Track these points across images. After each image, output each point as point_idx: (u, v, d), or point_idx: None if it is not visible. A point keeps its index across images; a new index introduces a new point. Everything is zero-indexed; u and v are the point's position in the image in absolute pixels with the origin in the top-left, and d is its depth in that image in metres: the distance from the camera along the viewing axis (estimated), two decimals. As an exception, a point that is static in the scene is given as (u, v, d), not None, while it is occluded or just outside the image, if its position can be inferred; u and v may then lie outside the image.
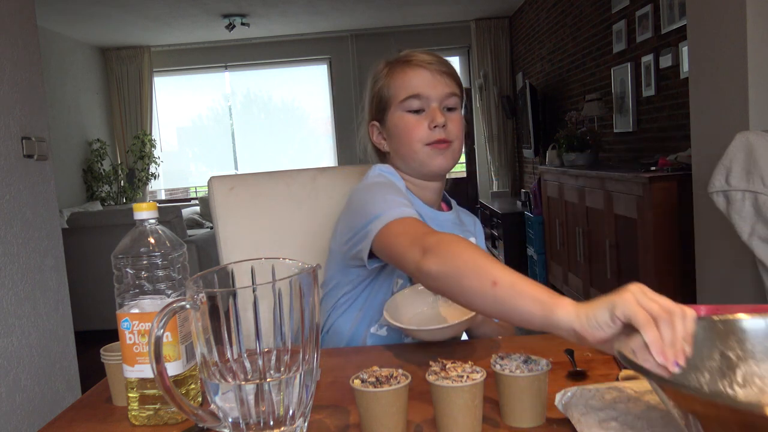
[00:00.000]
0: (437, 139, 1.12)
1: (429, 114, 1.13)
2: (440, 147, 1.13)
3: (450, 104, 1.15)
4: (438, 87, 1.13)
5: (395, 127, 1.16)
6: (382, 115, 1.18)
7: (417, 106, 1.13)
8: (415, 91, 1.12)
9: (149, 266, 0.80)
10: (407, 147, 1.15)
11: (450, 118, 1.14)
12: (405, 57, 1.16)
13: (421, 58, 1.14)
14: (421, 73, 1.13)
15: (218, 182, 1.39)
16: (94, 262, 4.16)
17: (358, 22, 7.02)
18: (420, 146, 1.13)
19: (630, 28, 3.89)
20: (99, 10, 5.83)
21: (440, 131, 1.12)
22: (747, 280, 2.03)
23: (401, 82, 1.14)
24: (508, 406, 0.71)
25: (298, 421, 0.67)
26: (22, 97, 2.11)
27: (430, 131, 1.12)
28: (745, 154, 1.67)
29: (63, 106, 6.39)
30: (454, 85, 1.15)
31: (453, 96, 1.15)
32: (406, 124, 1.14)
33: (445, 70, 1.14)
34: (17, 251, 2.02)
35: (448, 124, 1.13)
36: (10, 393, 1.94)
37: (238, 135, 7.86)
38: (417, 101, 1.13)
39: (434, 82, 1.13)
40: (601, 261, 3.40)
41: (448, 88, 1.14)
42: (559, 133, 4.33)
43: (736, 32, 2.01)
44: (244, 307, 0.63)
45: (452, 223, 1.23)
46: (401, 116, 1.14)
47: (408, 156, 1.16)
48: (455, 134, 1.14)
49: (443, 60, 1.15)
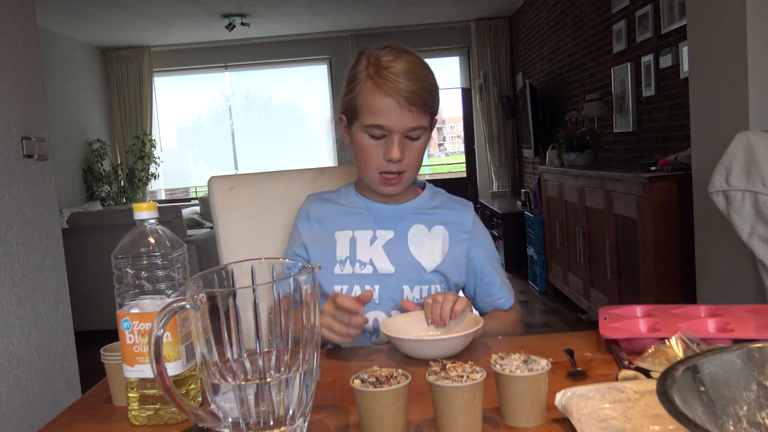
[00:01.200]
0: (389, 171, 1.13)
1: (388, 144, 1.11)
2: (393, 182, 1.15)
3: (413, 135, 1.13)
4: (403, 121, 1.10)
5: (356, 143, 1.16)
6: (351, 118, 1.16)
7: (379, 134, 1.12)
8: (378, 121, 1.10)
9: (149, 266, 0.80)
10: (362, 167, 1.17)
11: (409, 148, 1.13)
12: (383, 72, 1.09)
13: (395, 85, 1.08)
14: (388, 103, 1.08)
15: (218, 182, 1.39)
16: (94, 262, 4.16)
17: (358, 22, 7.02)
18: (373, 172, 1.15)
19: (630, 28, 3.89)
20: (99, 10, 5.83)
21: (395, 165, 1.12)
22: (747, 280, 2.03)
23: (370, 104, 1.10)
24: (508, 406, 0.71)
25: (298, 421, 0.67)
26: (22, 97, 2.11)
27: (385, 162, 1.12)
28: (745, 154, 1.67)
29: (63, 106, 6.39)
30: (420, 117, 1.11)
31: (417, 129, 1.12)
32: (365, 147, 1.14)
33: (415, 100, 1.09)
34: (17, 251, 2.02)
35: (405, 155, 1.12)
36: (10, 393, 1.94)
37: (238, 135, 7.86)
38: (379, 131, 1.11)
39: (400, 115, 1.09)
40: (601, 261, 3.40)
41: (413, 122, 1.10)
42: (559, 133, 4.33)
43: (736, 32, 2.01)
44: (244, 307, 0.63)
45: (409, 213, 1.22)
46: (362, 137, 1.14)
47: (361, 173, 1.19)
48: (410, 165, 1.14)
49: (417, 84, 1.09)
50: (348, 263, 1.17)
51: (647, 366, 0.81)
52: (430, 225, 1.21)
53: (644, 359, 0.83)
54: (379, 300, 1.15)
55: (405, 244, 1.19)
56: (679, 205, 2.66)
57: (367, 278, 1.15)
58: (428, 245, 1.19)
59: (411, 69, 1.10)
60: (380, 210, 1.21)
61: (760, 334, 0.88)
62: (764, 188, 1.62)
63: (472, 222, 1.25)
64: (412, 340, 0.96)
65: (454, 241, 1.21)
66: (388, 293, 1.15)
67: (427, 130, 1.15)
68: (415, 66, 1.12)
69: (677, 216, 2.67)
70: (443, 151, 13.64)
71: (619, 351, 0.91)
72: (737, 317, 0.96)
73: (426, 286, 1.17)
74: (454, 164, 8.80)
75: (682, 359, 0.57)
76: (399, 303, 1.14)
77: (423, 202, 1.24)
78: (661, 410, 0.63)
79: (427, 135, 1.16)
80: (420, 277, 1.17)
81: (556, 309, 4.29)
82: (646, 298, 2.75)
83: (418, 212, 1.22)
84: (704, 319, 0.97)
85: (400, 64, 1.10)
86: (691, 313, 1.01)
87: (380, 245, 1.17)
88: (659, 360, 0.81)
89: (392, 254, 1.17)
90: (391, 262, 1.16)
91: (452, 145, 9.58)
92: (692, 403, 0.52)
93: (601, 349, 0.95)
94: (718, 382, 0.56)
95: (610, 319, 1.01)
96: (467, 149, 7.89)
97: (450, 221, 1.23)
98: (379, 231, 1.19)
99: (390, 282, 1.16)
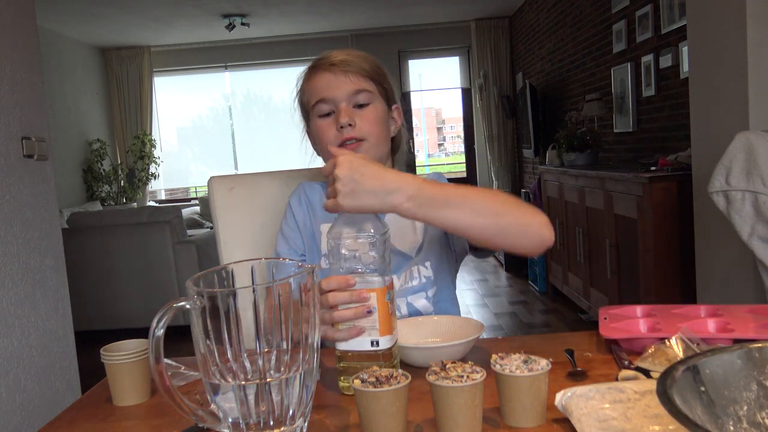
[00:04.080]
0: (344, 138, 1.11)
1: (336, 115, 1.13)
2: (350, 147, 1.11)
3: (360, 100, 1.13)
4: (342, 87, 1.11)
5: (314, 135, 1.18)
6: (306, 122, 1.21)
7: (327, 110, 1.13)
8: (320, 95, 1.12)
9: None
10: (324, 151, 1.17)
11: (359, 115, 1.12)
12: (316, 61, 1.15)
13: (327, 60, 1.12)
14: (324, 77, 1.12)
15: (218, 182, 1.39)
16: (94, 262, 4.16)
17: (358, 22, 7.02)
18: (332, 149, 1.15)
19: (630, 28, 3.89)
20: (99, 10, 5.83)
21: (348, 130, 1.11)
22: (747, 280, 2.03)
23: (310, 87, 1.15)
24: (508, 406, 0.71)
25: (298, 421, 0.67)
26: (22, 97, 2.11)
27: (337, 132, 1.12)
28: (745, 154, 1.67)
29: (63, 106, 6.39)
30: (361, 81, 1.12)
31: (362, 92, 1.12)
32: (319, 128, 1.14)
33: (350, 69, 1.11)
34: (17, 251, 2.02)
35: (357, 121, 1.11)
36: (10, 393, 1.94)
37: (238, 135, 7.86)
38: (325, 105, 1.12)
39: (337, 82, 1.11)
40: (601, 261, 3.40)
41: (353, 85, 1.11)
42: (559, 133, 4.33)
43: (736, 32, 2.01)
44: (244, 307, 0.63)
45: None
46: (315, 122, 1.15)
47: (324, 157, 1.19)
48: (367, 130, 1.12)
49: (353, 56, 1.13)
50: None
51: (647, 366, 0.81)
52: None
53: (644, 359, 0.83)
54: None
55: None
56: (679, 205, 2.66)
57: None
58: (403, 231, 1.18)
59: (345, 51, 1.15)
60: None
61: (760, 334, 0.88)
62: (764, 188, 1.62)
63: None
64: (412, 347, 0.92)
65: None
66: None
67: (376, 95, 1.15)
68: (350, 50, 1.16)
69: (677, 216, 2.67)
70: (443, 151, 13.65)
71: (619, 351, 0.91)
72: (737, 317, 0.96)
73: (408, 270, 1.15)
74: (454, 164, 8.81)
75: (682, 359, 0.57)
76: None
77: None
78: (661, 410, 0.63)
79: (379, 102, 1.15)
80: (404, 264, 1.16)
81: (556, 309, 4.29)
82: (646, 298, 2.75)
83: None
84: (704, 319, 0.97)
85: (333, 53, 1.15)
86: (691, 313, 1.01)
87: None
88: (659, 360, 0.81)
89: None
90: None
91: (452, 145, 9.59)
92: (692, 403, 0.52)
93: (601, 349, 0.95)
94: (718, 382, 0.56)
95: (610, 319, 1.01)
96: (467, 149, 7.89)
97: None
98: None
99: None
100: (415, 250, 1.17)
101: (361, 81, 1.13)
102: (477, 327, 0.97)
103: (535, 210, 0.95)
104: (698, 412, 0.52)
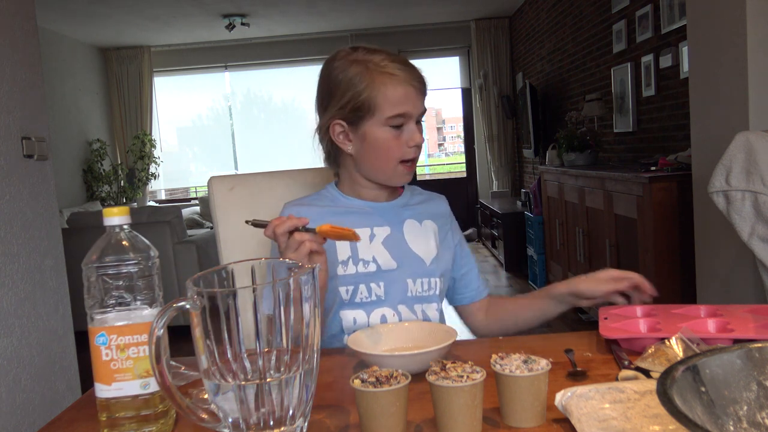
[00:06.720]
0: (412, 158, 1.16)
1: (407, 132, 1.14)
2: (412, 167, 1.18)
3: (420, 119, 1.18)
4: (419, 106, 1.15)
5: (375, 140, 1.14)
6: (356, 120, 1.14)
7: (399, 123, 1.14)
8: (403, 110, 1.12)
9: (125, 275, 0.74)
10: (383, 161, 1.16)
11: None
12: (382, 66, 1.12)
13: (405, 75, 1.12)
14: (408, 91, 1.12)
15: (218, 182, 1.39)
16: (94, 262, 4.15)
17: (358, 22, 7.02)
18: (395, 164, 1.16)
19: (630, 28, 3.89)
20: (99, 10, 5.83)
21: (416, 150, 1.16)
22: (747, 280, 2.03)
23: (389, 96, 1.11)
24: (508, 406, 0.71)
25: (298, 421, 0.67)
26: (22, 97, 2.11)
27: (407, 149, 1.15)
28: (745, 154, 1.67)
29: (63, 106, 6.39)
30: (424, 101, 1.18)
31: (424, 112, 1.18)
32: (385, 140, 1.14)
33: (423, 86, 1.16)
34: (17, 251, 2.02)
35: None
36: (10, 393, 1.94)
37: (238, 135, 7.86)
38: (402, 119, 1.14)
39: (416, 101, 1.14)
40: (601, 261, 3.39)
41: (423, 106, 1.17)
42: (559, 133, 4.33)
43: (736, 32, 2.01)
44: (244, 307, 0.63)
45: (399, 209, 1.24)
46: (380, 131, 1.13)
47: (379, 169, 1.17)
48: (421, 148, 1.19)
49: (418, 71, 1.16)
50: (351, 263, 1.16)
51: (647, 366, 0.81)
52: (420, 219, 1.23)
53: (644, 359, 0.83)
54: (385, 297, 1.15)
55: (403, 238, 1.20)
56: (679, 205, 2.66)
57: (371, 276, 1.15)
58: (423, 239, 1.21)
59: (402, 60, 1.16)
60: (372, 208, 1.22)
61: (760, 334, 0.88)
62: (764, 188, 1.62)
63: (449, 212, 1.32)
64: (384, 355, 0.89)
65: (442, 232, 1.26)
66: (392, 289, 1.16)
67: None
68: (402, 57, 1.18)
69: (677, 216, 2.67)
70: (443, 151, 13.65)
71: (619, 351, 0.91)
72: (737, 317, 0.96)
73: (426, 279, 1.19)
74: (454, 164, 8.81)
75: (682, 359, 0.57)
76: (403, 298, 1.15)
77: (407, 199, 1.27)
78: (661, 410, 0.63)
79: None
80: (421, 270, 1.19)
81: (556, 309, 4.29)
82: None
83: (407, 208, 1.25)
84: (704, 319, 0.97)
85: (390, 57, 1.15)
86: (691, 313, 1.01)
87: (380, 242, 1.18)
88: (659, 360, 0.81)
89: (393, 250, 1.18)
90: (393, 258, 1.17)
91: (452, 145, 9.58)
92: (692, 403, 0.52)
93: (601, 349, 0.95)
94: (718, 382, 0.56)
95: (610, 319, 1.01)
96: (467, 149, 7.89)
97: (436, 213, 1.28)
98: (375, 228, 1.19)
99: (394, 277, 1.16)
100: (430, 259, 1.21)
101: (424, 101, 1.18)
102: (447, 333, 0.93)
103: None
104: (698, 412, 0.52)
